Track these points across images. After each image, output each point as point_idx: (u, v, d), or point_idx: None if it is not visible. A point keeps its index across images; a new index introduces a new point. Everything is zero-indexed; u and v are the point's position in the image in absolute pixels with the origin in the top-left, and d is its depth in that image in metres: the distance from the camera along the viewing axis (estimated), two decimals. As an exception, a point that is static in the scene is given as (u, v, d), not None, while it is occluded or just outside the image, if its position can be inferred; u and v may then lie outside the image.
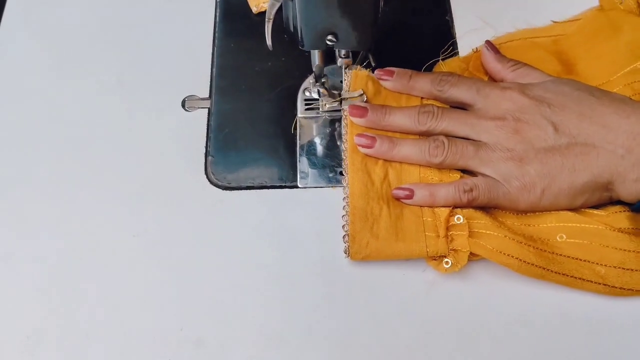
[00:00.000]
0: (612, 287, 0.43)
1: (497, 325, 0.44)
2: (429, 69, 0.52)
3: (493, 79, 0.51)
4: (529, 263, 0.43)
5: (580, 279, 0.43)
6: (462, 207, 0.45)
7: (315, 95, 0.52)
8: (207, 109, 0.53)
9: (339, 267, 0.46)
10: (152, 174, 0.50)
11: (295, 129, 0.52)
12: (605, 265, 0.43)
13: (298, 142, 0.52)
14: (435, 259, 0.45)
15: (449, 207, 0.45)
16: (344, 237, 0.45)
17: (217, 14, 0.58)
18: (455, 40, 0.56)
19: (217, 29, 0.57)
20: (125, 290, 0.45)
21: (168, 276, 0.46)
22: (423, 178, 0.47)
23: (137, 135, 0.52)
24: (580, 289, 0.44)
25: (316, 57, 0.48)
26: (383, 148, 0.47)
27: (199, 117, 0.53)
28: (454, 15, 0.57)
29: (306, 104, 0.53)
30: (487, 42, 0.52)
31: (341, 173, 0.49)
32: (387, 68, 0.50)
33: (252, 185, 0.50)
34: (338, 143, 0.51)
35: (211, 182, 0.50)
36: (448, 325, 0.44)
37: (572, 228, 0.45)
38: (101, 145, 0.52)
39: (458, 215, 0.45)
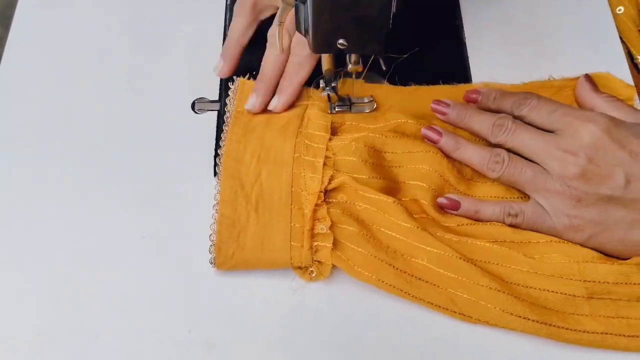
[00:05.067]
0: (469, 317, 0.43)
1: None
2: None
3: (582, 107, 0.49)
4: (388, 284, 0.44)
5: (437, 305, 0.43)
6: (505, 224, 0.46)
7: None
8: (216, 112, 0.54)
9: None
10: (162, 175, 0.50)
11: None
12: (460, 295, 0.43)
13: (307, 145, 0.51)
14: (300, 268, 0.45)
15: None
16: (210, 247, 0.46)
17: (227, 17, 0.58)
18: (465, 44, 0.56)
19: (227, 32, 0.58)
20: (134, 291, 0.46)
21: (177, 277, 0.46)
22: (296, 174, 0.47)
23: (147, 137, 0.52)
24: (439, 312, 0.44)
25: (326, 61, 0.48)
26: (447, 145, 0.47)
27: (209, 120, 0.53)
28: (463, 20, 0.57)
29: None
30: (586, 75, 0.50)
31: None
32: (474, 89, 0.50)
33: (260, 188, 0.50)
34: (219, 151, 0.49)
35: (220, 185, 0.50)
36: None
37: (430, 253, 0.44)
38: (111, 147, 0.52)
39: (322, 226, 0.45)
